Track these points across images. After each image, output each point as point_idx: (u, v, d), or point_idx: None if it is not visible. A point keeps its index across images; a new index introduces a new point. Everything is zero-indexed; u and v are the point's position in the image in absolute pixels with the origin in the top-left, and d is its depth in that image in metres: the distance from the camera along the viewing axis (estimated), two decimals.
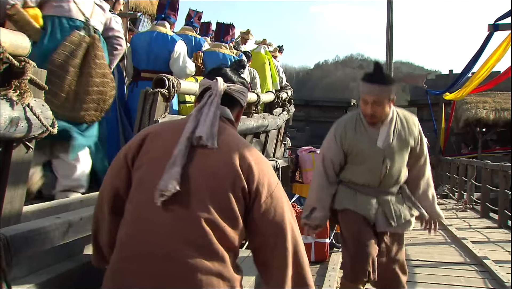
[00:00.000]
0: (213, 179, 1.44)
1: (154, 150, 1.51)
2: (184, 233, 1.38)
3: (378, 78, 2.44)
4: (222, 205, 1.42)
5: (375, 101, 2.44)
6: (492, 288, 4.05)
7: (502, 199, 7.15)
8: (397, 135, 2.54)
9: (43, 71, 1.89)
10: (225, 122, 1.58)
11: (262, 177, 1.49)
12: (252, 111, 4.57)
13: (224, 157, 1.47)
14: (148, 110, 2.70)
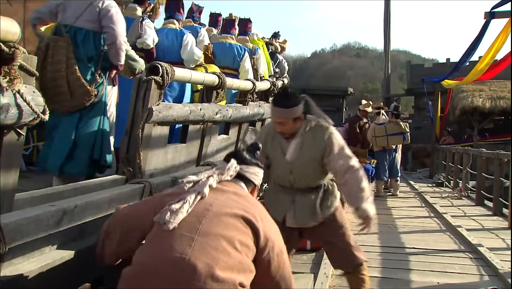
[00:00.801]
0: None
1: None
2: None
3: (282, 103, 2.65)
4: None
5: (281, 122, 2.67)
6: (486, 274, 4.09)
7: (497, 187, 7.19)
8: (306, 147, 2.76)
9: (33, 58, 1.86)
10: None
11: (265, 234, 1.89)
12: (248, 99, 4.56)
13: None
14: (142, 97, 2.69)
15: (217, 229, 1.70)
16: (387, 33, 20.56)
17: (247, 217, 1.78)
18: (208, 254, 1.62)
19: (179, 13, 4.78)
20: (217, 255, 1.63)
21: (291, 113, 2.65)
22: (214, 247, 1.65)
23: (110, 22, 3.23)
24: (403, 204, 7.99)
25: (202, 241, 1.65)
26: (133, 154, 2.74)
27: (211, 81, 3.49)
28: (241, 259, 1.69)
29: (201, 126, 3.58)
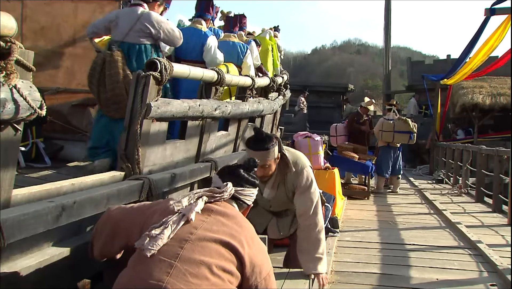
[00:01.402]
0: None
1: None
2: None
3: (261, 145, 2.68)
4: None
5: (263, 165, 2.70)
6: (486, 271, 4.09)
7: (496, 184, 7.18)
8: (281, 187, 2.96)
9: (30, 53, 1.85)
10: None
11: (251, 261, 1.87)
12: (247, 95, 4.54)
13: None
14: (140, 93, 2.67)
15: (198, 255, 1.66)
16: (388, 30, 20.53)
17: (232, 243, 1.73)
18: (187, 282, 1.59)
19: (208, 13, 4.95)
20: (196, 282, 1.60)
21: (272, 154, 2.72)
22: (194, 274, 1.61)
23: (170, 41, 3.77)
24: (403, 200, 7.99)
25: (181, 267, 1.62)
26: (132, 150, 2.73)
27: (210, 77, 3.47)
28: (223, 286, 1.65)
29: (200, 122, 3.57)
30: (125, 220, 1.95)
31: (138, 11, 3.53)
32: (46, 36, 4.54)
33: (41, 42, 4.52)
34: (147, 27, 3.52)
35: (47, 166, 4.10)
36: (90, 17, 4.50)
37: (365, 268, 4.07)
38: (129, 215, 1.99)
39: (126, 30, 3.50)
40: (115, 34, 3.56)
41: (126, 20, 3.52)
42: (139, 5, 3.58)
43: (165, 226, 1.71)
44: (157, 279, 1.59)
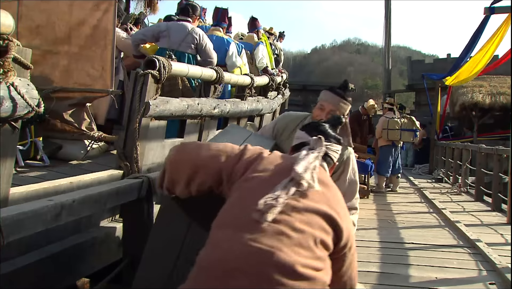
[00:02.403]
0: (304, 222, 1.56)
1: (261, 175, 1.64)
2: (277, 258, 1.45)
3: (342, 94, 2.66)
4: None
5: (331, 111, 2.63)
6: (485, 269, 4.08)
7: (496, 183, 7.17)
8: None
9: (28, 50, 1.85)
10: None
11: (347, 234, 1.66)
12: (246, 94, 4.54)
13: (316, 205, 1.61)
14: (138, 91, 2.68)
15: (306, 226, 1.54)
16: (388, 29, 20.52)
17: (334, 217, 1.62)
18: (297, 253, 1.47)
19: (224, 22, 5.82)
20: (306, 254, 1.49)
21: (344, 107, 2.64)
22: (304, 246, 1.50)
23: (208, 56, 4.50)
24: (402, 199, 7.99)
25: (292, 236, 1.50)
26: (130, 149, 2.74)
27: (208, 76, 3.48)
28: (325, 258, 1.56)
29: (199, 121, 3.57)
30: (210, 164, 1.74)
31: (189, 27, 4.39)
32: (42, 35, 4.52)
33: (36, 40, 4.50)
34: (194, 41, 4.38)
35: (45, 164, 4.10)
36: (86, 15, 4.48)
37: (364, 266, 4.06)
38: (215, 158, 1.75)
39: (178, 41, 4.31)
40: (169, 43, 4.30)
41: (178, 33, 4.33)
42: (187, 21, 4.46)
43: (282, 192, 1.57)
44: (268, 244, 1.45)
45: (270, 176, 1.63)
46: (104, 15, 4.53)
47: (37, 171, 3.68)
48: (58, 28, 4.56)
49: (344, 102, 2.62)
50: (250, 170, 1.64)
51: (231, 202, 1.60)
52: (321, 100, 2.67)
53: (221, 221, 1.56)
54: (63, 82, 4.58)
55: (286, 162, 1.70)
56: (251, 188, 1.59)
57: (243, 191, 1.60)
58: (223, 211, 1.59)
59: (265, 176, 1.62)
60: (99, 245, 2.49)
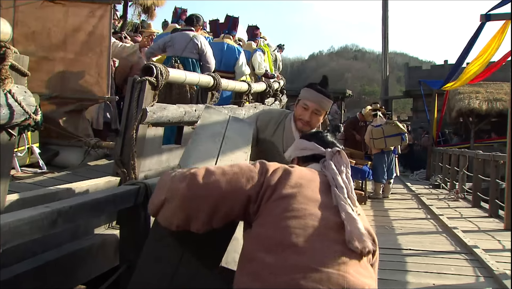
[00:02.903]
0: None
1: (302, 188, 1.50)
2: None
3: (324, 91, 2.55)
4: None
5: (316, 111, 2.55)
6: (482, 276, 4.08)
7: (493, 189, 7.18)
8: None
9: (25, 58, 1.85)
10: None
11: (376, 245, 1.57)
12: (243, 100, 4.55)
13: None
14: (136, 98, 2.67)
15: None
16: (385, 35, 20.62)
17: (371, 233, 1.53)
18: (360, 274, 1.38)
19: (234, 30, 6.26)
20: (367, 274, 1.42)
21: (328, 105, 2.57)
22: (364, 267, 1.43)
23: (206, 61, 4.79)
24: (400, 205, 7.99)
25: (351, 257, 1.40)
26: (127, 155, 2.73)
27: (206, 82, 3.49)
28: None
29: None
30: (235, 193, 1.50)
31: (190, 35, 4.79)
32: (37, 41, 4.53)
33: (32, 47, 4.51)
34: (196, 47, 4.75)
35: (42, 171, 4.09)
36: (82, 22, 4.49)
37: None
38: (237, 184, 1.51)
39: (182, 48, 4.70)
40: (174, 51, 4.71)
41: (181, 41, 4.73)
42: (190, 30, 4.88)
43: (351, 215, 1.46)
44: (336, 268, 1.33)
45: (312, 192, 1.49)
46: (100, 21, 4.55)
47: (33, 177, 3.67)
48: (54, 35, 4.56)
49: (327, 100, 2.56)
50: (281, 187, 1.48)
51: (271, 222, 1.42)
52: (304, 98, 2.58)
53: (266, 246, 1.38)
54: (60, 88, 4.59)
55: (318, 176, 1.59)
56: (296, 207, 1.43)
57: (288, 208, 1.43)
58: (263, 234, 1.41)
59: (306, 193, 1.48)
60: (96, 251, 2.48)
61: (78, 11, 4.56)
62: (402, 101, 32.82)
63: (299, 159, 1.84)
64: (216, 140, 2.15)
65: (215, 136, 2.17)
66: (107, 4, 4.56)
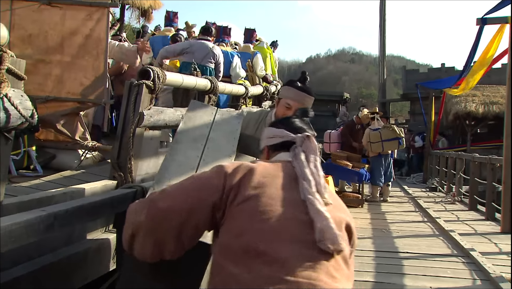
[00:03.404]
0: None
1: (265, 188, 1.41)
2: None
3: (306, 89, 2.47)
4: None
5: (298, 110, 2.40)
6: (479, 279, 4.09)
7: (489, 192, 7.20)
8: None
9: (22, 61, 1.85)
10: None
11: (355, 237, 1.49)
12: (240, 104, 4.56)
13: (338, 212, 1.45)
14: (133, 101, 2.67)
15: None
16: (382, 39, 20.67)
17: (349, 222, 1.47)
18: (334, 278, 1.32)
19: (227, 38, 6.80)
20: (340, 276, 1.36)
21: (311, 102, 2.47)
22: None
23: (219, 70, 5.28)
24: (397, 208, 8.00)
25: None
26: (124, 159, 2.73)
27: (203, 86, 3.49)
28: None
29: None
30: (197, 204, 1.43)
31: (210, 46, 5.26)
32: (34, 44, 4.53)
33: (28, 50, 4.51)
34: (214, 56, 5.23)
35: (38, 174, 4.09)
36: (79, 25, 4.49)
37: (358, 276, 4.06)
38: (199, 193, 1.45)
39: (201, 57, 5.12)
40: (193, 58, 5.06)
41: (200, 50, 5.16)
42: (207, 40, 5.35)
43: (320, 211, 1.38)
44: (306, 276, 1.27)
45: (277, 190, 1.41)
46: (97, 24, 4.56)
47: (30, 180, 3.67)
48: (51, 38, 4.57)
49: (309, 97, 2.46)
50: (244, 188, 1.40)
51: (236, 227, 1.36)
52: (286, 98, 2.46)
53: (232, 255, 1.32)
54: (56, 91, 4.59)
55: (284, 170, 1.50)
56: (260, 208, 1.36)
57: (252, 212, 1.36)
58: (228, 243, 1.35)
59: (270, 192, 1.40)
60: (92, 255, 2.48)
61: (75, 14, 4.56)
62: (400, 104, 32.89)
63: (269, 148, 1.69)
64: (199, 146, 2.07)
65: (197, 142, 2.10)
66: (104, 7, 4.57)
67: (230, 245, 1.33)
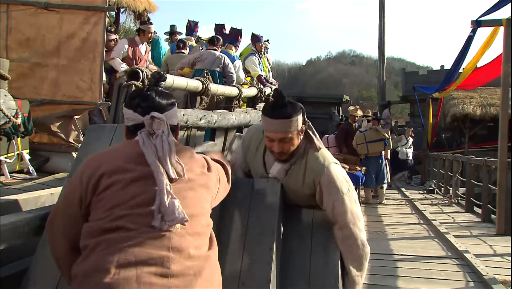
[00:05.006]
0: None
1: (119, 178, 1.48)
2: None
3: (281, 112, 2.03)
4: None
5: (283, 138, 2.06)
6: (472, 281, 4.09)
7: (485, 194, 7.20)
8: (298, 171, 2.17)
9: (5, 61, 1.86)
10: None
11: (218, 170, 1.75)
12: (234, 105, 4.56)
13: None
14: (122, 102, 2.68)
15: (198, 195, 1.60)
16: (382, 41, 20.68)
17: (205, 159, 1.73)
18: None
19: (237, 41, 7.17)
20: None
21: (295, 124, 2.04)
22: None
23: (228, 72, 5.98)
24: (393, 211, 8.00)
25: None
26: None
27: (194, 87, 3.49)
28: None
29: (185, 132, 3.57)
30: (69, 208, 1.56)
31: (216, 54, 6.00)
32: (31, 48, 4.55)
33: (26, 53, 4.53)
34: (221, 62, 5.93)
35: (32, 177, 4.09)
36: (76, 29, 4.52)
37: None
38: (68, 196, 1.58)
39: (210, 63, 5.87)
40: (204, 65, 5.84)
41: (210, 58, 5.92)
42: (214, 49, 6.09)
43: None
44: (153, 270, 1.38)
45: (127, 178, 1.48)
46: (94, 28, 4.59)
47: (22, 183, 3.68)
48: (48, 41, 4.60)
49: (289, 120, 2.02)
50: (96, 182, 1.49)
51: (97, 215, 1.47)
52: (265, 130, 2.10)
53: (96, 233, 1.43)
54: (51, 94, 4.61)
55: (133, 154, 1.54)
56: (111, 203, 1.45)
57: (110, 199, 1.46)
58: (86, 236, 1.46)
59: (124, 177, 1.48)
60: None
61: (73, 18, 4.60)
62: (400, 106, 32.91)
63: (127, 129, 1.66)
64: None
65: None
66: (101, 11, 4.61)
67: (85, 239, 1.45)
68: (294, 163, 2.16)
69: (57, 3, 4.57)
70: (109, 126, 2.22)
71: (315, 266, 2.07)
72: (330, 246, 2.13)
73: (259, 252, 1.93)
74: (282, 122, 2.01)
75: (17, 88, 4.25)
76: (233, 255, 1.94)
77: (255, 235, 1.98)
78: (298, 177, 2.15)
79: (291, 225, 2.20)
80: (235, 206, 2.04)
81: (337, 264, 2.10)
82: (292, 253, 2.11)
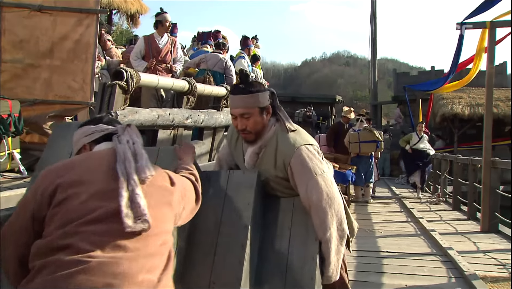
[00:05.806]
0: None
1: (80, 189, 1.41)
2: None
3: (243, 89, 2.08)
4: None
5: (244, 114, 2.07)
6: (453, 277, 4.17)
7: (471, 192, 7.31)
8: (268, 155, 2.15)
9: None
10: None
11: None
12: (222, 105, 4.63)
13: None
14: (106, 102, 2.74)
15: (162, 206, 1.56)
16: (374, 42, 20.83)
17: (168, 174, 1.69)
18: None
19: (210, 40, 8.11)
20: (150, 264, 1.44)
21: (255, 100, 2.06)
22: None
23: (229, 74, 6.44)
24: (382, 209, 8.09)
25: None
26: None
27: (180, 87, 3.56)
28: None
29: (171, 131, 3.64)
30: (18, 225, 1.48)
31: (220, 57, 6.48)
32: (25, 49, 4.61)
33: (19, 55, 4.60)
34: (223, 64, 6.41)
35: (23, 176, 4.14)
36: (69, 30, 4.59)
37: None
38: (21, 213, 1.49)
39: (213, 65, 6.36)
40: (207, 66, 6.37)
41: (213, 60, 6.41)
42: (219, 53, 6.59)
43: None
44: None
45: (94, 183, 1.43)
46: (87, 30, 4.67)
47: (12, 182, 3.72)
48: (41, 43, 4.67)
49: (249, 95, 2.06)
50: (59, 192, 1.41)
51: (55, 224, 1.37)
52: (232, 109, 2.14)
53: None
54: (44, 94, 4.67)
55: (101, 159, 1.53)
56: (77, 206, 1.37)
57: (65, 213, 1.37)
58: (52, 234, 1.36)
59: (81, 190, 1.41)
60: None
61: (66, 20, 4.67)
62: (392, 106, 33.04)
63: (90, 145, 1.69)
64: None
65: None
66: (93, 14, 4.68)
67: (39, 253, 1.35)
68: (265, 146, 2.14)
69: (51, 5, 4.65)
70: (75, 124, 2.19)
71: (291, 262, 2.00)
72: (309, 239, 2.05)
73: (231, 249, 1.86)
74: (242, 97, 2.06)
75: (10, 88, 4.32)
76: (205, 253, 1.87)
77: (228, 232, 1.91)
78: (269, 160, 2.13)
79: (270, 216, 2.13)
80: (210, 201, 1.96)
81: (315, 259, 2.02)
82: (269, 247, 2.04)
